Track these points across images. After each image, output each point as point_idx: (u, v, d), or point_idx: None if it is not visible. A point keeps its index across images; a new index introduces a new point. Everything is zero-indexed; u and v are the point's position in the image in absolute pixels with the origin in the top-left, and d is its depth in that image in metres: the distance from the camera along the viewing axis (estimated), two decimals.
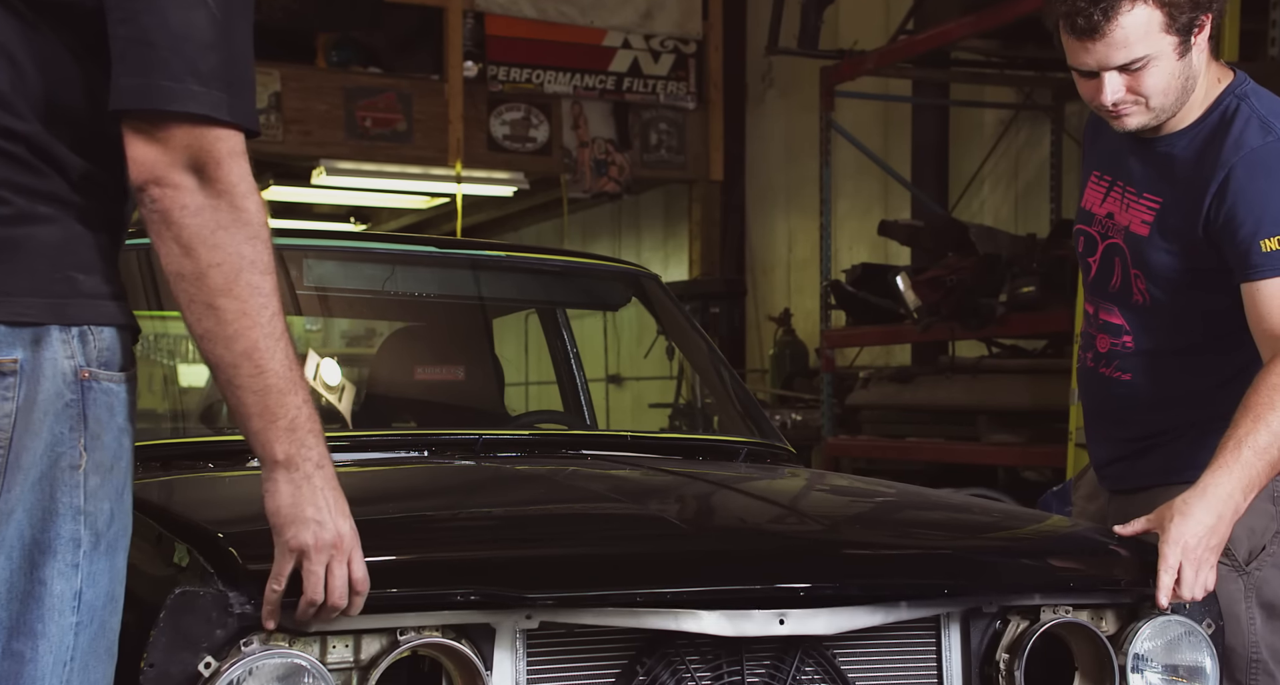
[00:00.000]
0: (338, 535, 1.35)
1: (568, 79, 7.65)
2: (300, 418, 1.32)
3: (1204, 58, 1.90)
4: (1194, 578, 1.77)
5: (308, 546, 1.34)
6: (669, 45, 7.86)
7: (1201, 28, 1.86)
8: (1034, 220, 6.18)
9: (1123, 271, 2.05)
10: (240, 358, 1.29)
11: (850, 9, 7.13)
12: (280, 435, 1.32)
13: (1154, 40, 1.83)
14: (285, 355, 1.31)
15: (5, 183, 1.27)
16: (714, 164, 8.15)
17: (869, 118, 7.07)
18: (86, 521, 1.29)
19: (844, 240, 7.14)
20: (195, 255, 1.27)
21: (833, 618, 1.59)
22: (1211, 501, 1.78)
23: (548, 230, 9.76)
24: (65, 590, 1.28)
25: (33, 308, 1.27)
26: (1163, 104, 1.90)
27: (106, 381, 1.30)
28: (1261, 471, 1.80)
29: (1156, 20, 1.82)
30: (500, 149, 7.60)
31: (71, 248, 1.30)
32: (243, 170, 1.29)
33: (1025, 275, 4.72)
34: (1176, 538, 1.76)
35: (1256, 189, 1.86)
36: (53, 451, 1.27)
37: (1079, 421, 4.08)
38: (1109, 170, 2.08)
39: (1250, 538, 1.98)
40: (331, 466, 1.36)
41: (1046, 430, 4.66)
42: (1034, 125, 6.31)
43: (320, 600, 1.37)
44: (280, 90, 7.06)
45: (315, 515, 1.34)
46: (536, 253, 3.04)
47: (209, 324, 1.29)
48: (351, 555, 1.37)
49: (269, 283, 1.30)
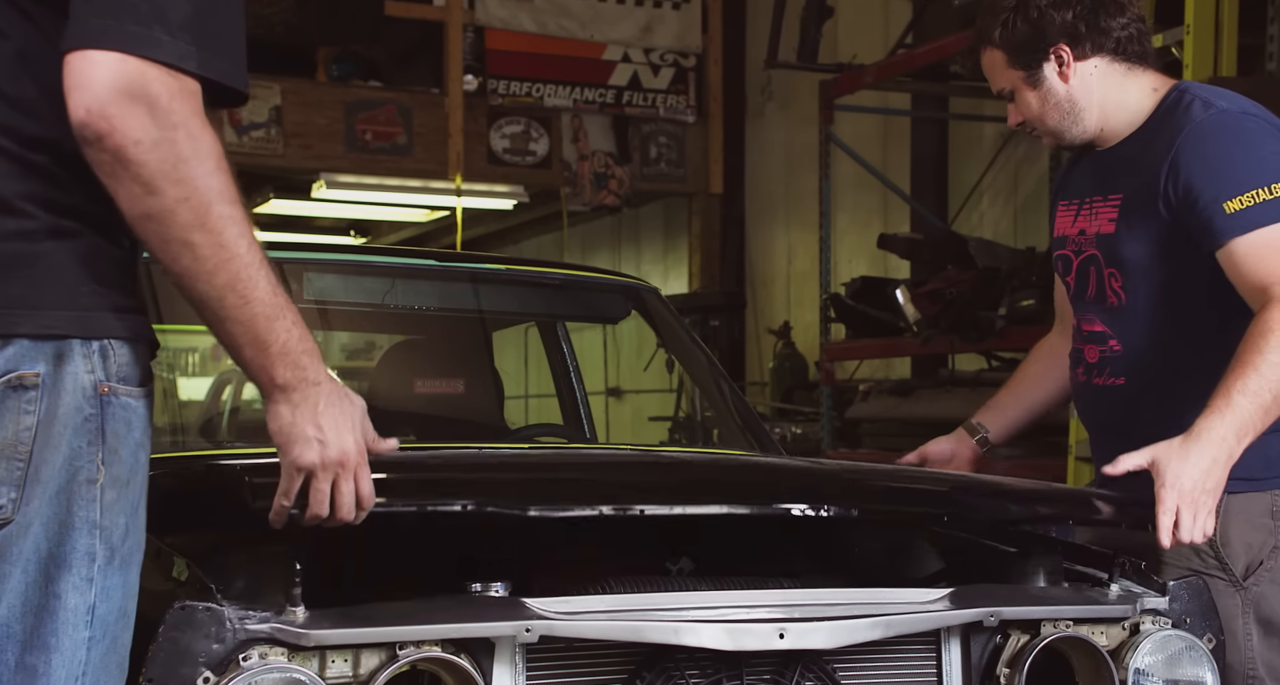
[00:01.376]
0: (343, 452, 1.35)
1: (568, 92, 7.67)
2: (291, 341, 1.31)
3: (1092, 81, 2.06)
4: (1192, 522, 1.78)
5: (314, 466, 1.34)
6: (669, 59, 7.88)
7: (1058, 56, 2.05)
8: (1033, 234, 6.19)
9: (1097, 277, 2.09)
10: (224, 291, 1.27)
11: (849, 23, 7.15)
12: (274, 361, 1.31)
13: (1005, 75, 2.10)
14: (268, 281, 1.30)
15: (30, 196, 1.28)
16: (714, 177, 8.16)
17: (868, 131, 7.08)
18: (102, 536, 1.29)
19: (843, 253, 7.15)
20: (160, 192, 1.23)
21: (833, 632, 1.59)
22: (1205, 445, 1.80)
23: (548, 243, 9.77)
24: (79, 604, 1.28)
25: (60, 321, 1.27)
26: (1049, 125, 2.11)
27: (125, 396, 1.31)
28: (1254, 415, 1.81)
29: (999, 59, 2.10)
30: (500, 162, 7.61)
31: (95, 262, 1.30)
32: (195, 107, 1.25)
33: (1024, 288, 4.72)
34: (1173, 481, 1.78)
35: (1206, 158, 1.93)
36: (71, 465, 1.27)
37: (1079, 435, 4.09)
38: (1074, 195, 2.19)
39: (1248, 553, 1.98)
40: (330, 382, 1.35)
41: (1046, 444, 4.65)
42: (1032, 139, 6.28)
43: (325, 515, 1.36)
44: (281, 104, 7.08)
45: (317, 434, 1.33)
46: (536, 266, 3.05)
47: (186, 262, 1.26)
48: (358, 471, 1.36)
49: (240, 212, 1.28)
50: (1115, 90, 2.07)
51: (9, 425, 1.25)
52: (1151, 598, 1.80)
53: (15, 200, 1.27)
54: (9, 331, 1.25)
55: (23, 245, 1.27)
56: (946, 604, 1.69)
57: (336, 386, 1.36)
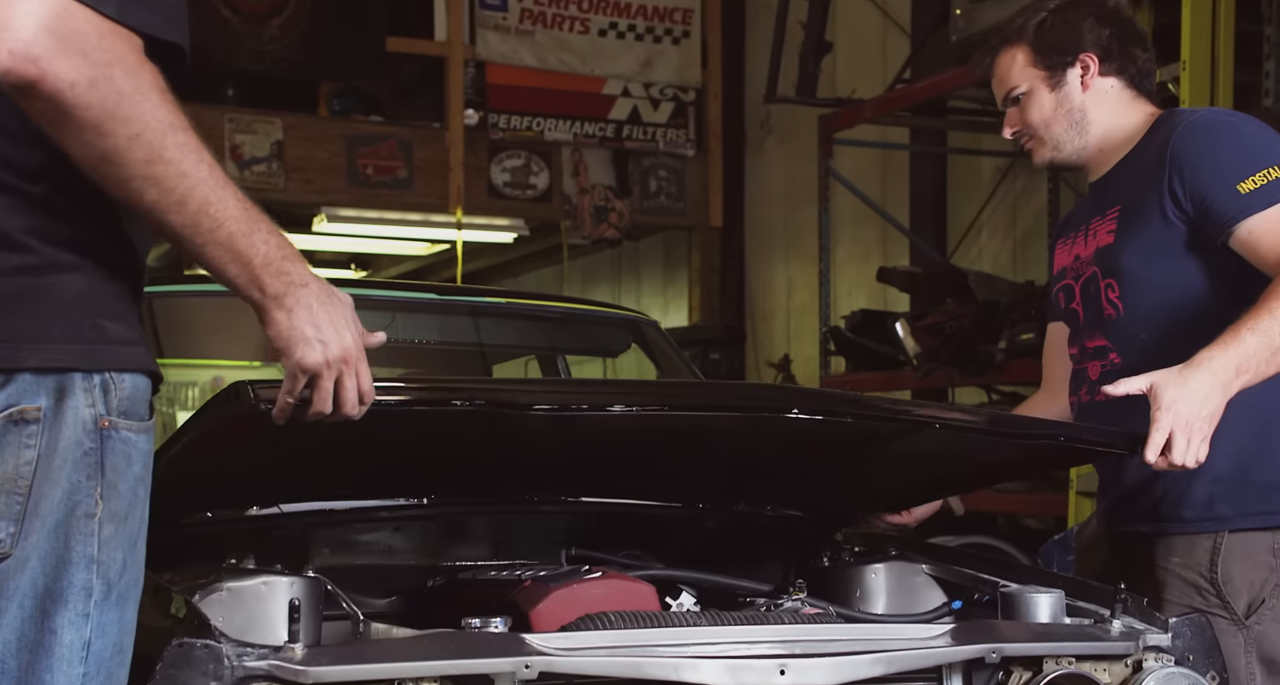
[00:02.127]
0: (344, 349, 1.35)
1: (568, 126, 7.70)
2: (271, 250, 1.31)
3: (1105, 98, 2.12)
4: (1185, 446, 1.79)
5: (319, 365, 1.35)
6: (668, 93, 7.92)
7: (1084, 65, 2.11)
8: (1032, 267, 6.20)
9: (1096, 292, 2.11)
10: (197, 218, 1.27)
11: (848, 58, 7.19)
12: (260, 273, 1.31)
13: (1022, 74, 2.14)
14: (235, 198, 1.29)
15: (32, 230, 1.28)
16: (713, 210, 8.18)
17: (867, 165, 7.11)
18: (99, 571, 1.28)
19: (843, 286, 7.16)
20: (110, 133, 1.21)
21: (834, 668, 1.58)
22: (1204, 373, 1.81)
23: (548, 276, 9.78)
24: (75, 640, 1.27)
25: (63, 354, 1.27)
26: (1050, 136, 2.14)
27: (125, 431, 1.30)
28: (1259, 354, 1.82)
29: (1022, 57, 2.15)
30: (501, 196, 7.63)
31: (97, 295, 1.30)
32: (129, 45, 1.22)
33: (1024, 322, 4.72)
34: (1169, 405, 1.79)
35: (1206, 148, 1.98)
36: (70, 499, 1.27)
37: (1080, 470, 4.08)
38: (1072, 228, 2.23)
39: (1250, 591, 1.97)
40: (317, 280, 1.35)
41: (1047, 478, 4.64)
42: (1031, 174, 6.34)
43: (329, 412, 1.38)
44: (282, 138, 7.11)
45: (317, 335, 1.34)
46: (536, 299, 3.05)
47: (153, 196, 1.25)
48: (358, 366, 1.37)
49: (194, 138, 1.26)
50: (1121, 114, 2.14)
51: (9, 459, 1.24)
52: (1154, 634, 1.79)
53: (17, 235, 1.27)
54: (13, 365, 1.25)
55: (25, 280, 1.27)
56: (948, 640, 1.68)
57: (323, 284, 1.37)
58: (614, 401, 1.64)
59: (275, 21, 6.83)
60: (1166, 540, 2.05)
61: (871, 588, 2.13)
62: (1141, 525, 2.09)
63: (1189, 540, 2.02)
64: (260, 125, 7.00)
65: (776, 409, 1.73)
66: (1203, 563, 2.00)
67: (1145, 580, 2.05)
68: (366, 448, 1.75)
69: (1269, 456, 2.00)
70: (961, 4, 4.99)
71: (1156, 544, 2.06)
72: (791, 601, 1.97)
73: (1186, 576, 2.02)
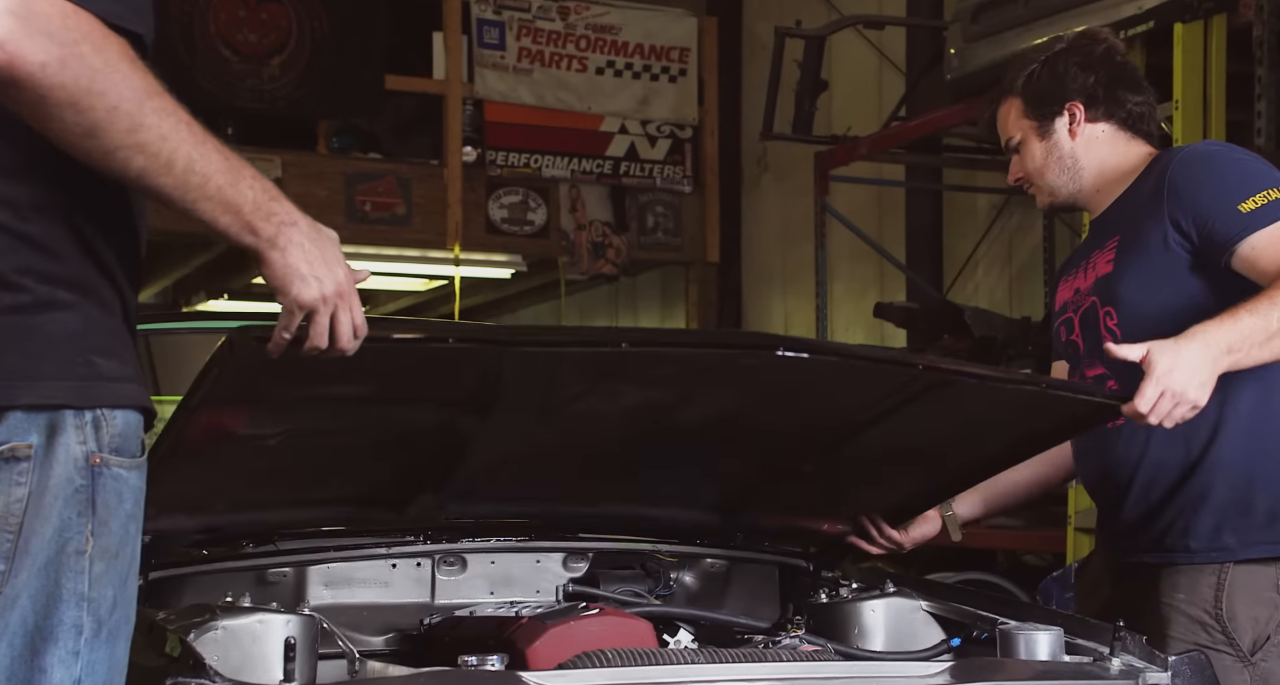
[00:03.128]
0: (338, 284, 1.37)
1: (565, 163, 7.74)
2: (258, 194, 1.33)
3: (1096, 143, 2.19)
4: (1169, 409, 1.84)
5: (316, 302, 1.37)
6: (665, 130, 7.97)
7: (1071, 114, 2.18)
8: (1028, 303, 6.22)
9: (1095, 321, 2.15)
10: (185, 176, 1.28)
11: (844, 96, 7.25)
12: (251, 219, 1.33)
13: (1016, 124, 2.23)
14: (217, 151, 1.31)
15: (25, 270, 1.28)
16: (710, 246, 8.21)
17: (863, 201, 7.15)
18: (89, 608, 1.28)
19: (840, 322, 7.17)
20: (89, 108, 1.22)
21: None
22: (1199, 346, 1.85)
23: (545, 312, 9.80)
24: (64, 678, 1.26)
25: (56, 391, 1.27)
26: (1045, 183, 2.21)
27: (117, 467, 1.30)
28: (1253, 335, 1.86)
29: (1016, 108, 2.23)
30: (498, 232, 7.66)
31: (90, 332, 1.31)
32: (93, 24, 1.23)
33: (1020, 358, 4.73)
34: (1164, 371, 1.83)
35: (1205, 174, 2.04)
36: (60, 537, 1.26)
37: (1078, 505, 4.08)
38: (1074, 265, 2.28)
39: (1254, 628, 1.97)
40: (304, 218, 1.37)
41: (1046, 513, 4.63)
42: (1026, 210, 6.38)
43: (325, 347, 1.40)
44: (281, 176, 7.14)
45: (311, 271, 1.36)
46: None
47: (140, 162, 1.26)
48: (351, 301, 1.39)
49: (169, 100, 1.28)
50: (1116, 156, 2.19)
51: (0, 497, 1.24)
52: (1154, 673, 1.78)
53: (10, 274, 1.27)
54: (6, 403, 1.25)
55: (18, 318, 1.27)
56: (947, 678, 1.67)
57: (310, 221, 1.39)
58: (601, 339, 1.68)
59: (275, 60, 6.88)
60: (1172, 575, 2.04)
61: (870, 624, 2.12)
62: (1147, 556, 2.08)
63: (1194, 575, 2.02)
64: (259, 163, 7.02)
65: (765, 346, 1.74)
66: (1207, 599, 2.00)
67: (1150, 616, 2.04)
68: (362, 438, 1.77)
69: (1272, 485, 2.01)
70: (956, 43, 5.03)
71: (1161, 578, 2.05)
72: (789, 638, 1.96)
73: (1192, 613, 2.01)
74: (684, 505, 2.27)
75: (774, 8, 7.76)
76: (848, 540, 2.33)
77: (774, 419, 1.99)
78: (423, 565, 2.22)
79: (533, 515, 2.24)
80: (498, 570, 2.26)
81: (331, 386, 1.66)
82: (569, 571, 2.30)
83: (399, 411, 1.82)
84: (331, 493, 2.02)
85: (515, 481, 2.10)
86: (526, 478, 2.11)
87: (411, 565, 2.21)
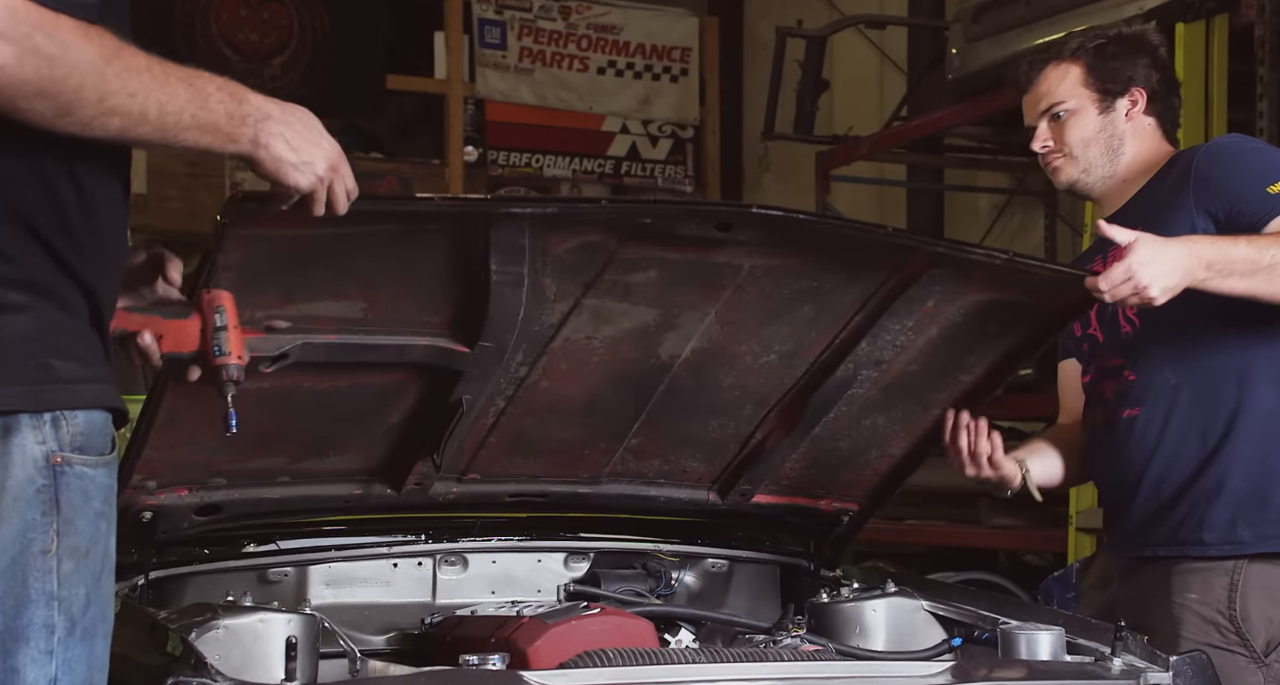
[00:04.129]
0: (328, 161, 1.42)
1: (567, 163, 7.74)
2: (228, 105, 1.36)
3: (1142, 132, 2.20)
4: (1128, 293, 1.87)
5: (313, 186, 1.42)
6: (667, 130, 7.97)
7: (1133, 99, 2.18)
8: None
9: (1114, 312, 2.15)
10: (161, 119, 1.32)
11: (845, 96, 7.24)
12: (231, 131, 1.37)
13: (1073, 91, 2.17)
14: (180, 80, 1.34)
15: None
16: None
17: (865, 201, 7.14)
18: (60, 607, 1.27)
19: None
20: (56, 93, 1.25)
21: None
22: (1183, 253, 1.89)
23: None
24: (39, 678, 1.26)
25: (8, 398, 1.26)
26: (1084, 156, 2.18)
27: (81, 466, 1.29)
28: (1242, 262, 1.89)
29: (1075, 74, 2.18)
30: None
31: (47, 335, 1.30)
32: (41, 14, 1.25)
33: None
34: (1141, 261, 1.86)
35: (1231, 162, 2.08)
36: (24, 537, 1.26)
37: (1079, 505, 4.07)
38: (1087, 261, 2.23)
39: (1268, 628, 1.97)
40: (274, 104, 1.41)
41: (1048, 514, 4.62)
42: (1027, 210, 6.37)
43: (321, 214, 1.45)
44: None
45: (299, 158, 1.40)
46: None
47: (117, 123, 1.30)
48: (343, 170, 1.45)
49: (127, 55, 1.30)
50: (1148, 151, 2.22)
51: None
52: (1155, 673, 1.78)
53: None
54: None
55: None
56: (948, 677, 1.67)
57: (281, 105, 1.42)
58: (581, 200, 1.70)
59: (276, 60, 6.88)
60: (1184, 573, 2.04)
61: (871, 624, 2.12)
62: (1160, 549, 2.08)
63: (1206, 575, 2.01)
64: None
65: (740, 208, 1.80)
66: (1221, 599, 2.00)
67: (1161, 615, 2.04)
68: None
69: None
70: (957, 43, 5.03)
71: (1173, 577, 2.05)
72: (790, 638, 1.96)
73: (1204, 614, 2.01)
74: (684, 467, 2.25)
75: (775, 7, 7.75)
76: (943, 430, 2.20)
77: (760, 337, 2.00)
78: (424, 565, 2.22)
79: (528, 493, 2.22)
80: (499, 570, 2.26)
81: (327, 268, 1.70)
82: (570, 571, 2.30)
83: (389, 348, 1.83)
84: (329, 465, 2.02)
85: (510, 446, 2.10)
86: (521, 443, 2.10)
87: (413, 565, 2.21)
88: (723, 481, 2.28)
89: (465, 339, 1.85)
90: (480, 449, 2.06)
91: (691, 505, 2.31)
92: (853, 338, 2.02)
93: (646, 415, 2.09)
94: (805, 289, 1.94)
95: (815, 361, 2.07)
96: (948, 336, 2.07)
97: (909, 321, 2.00)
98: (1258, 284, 1.90)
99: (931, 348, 2.08)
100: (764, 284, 1.91)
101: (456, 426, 1.96)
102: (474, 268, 1.75)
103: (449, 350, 1.85)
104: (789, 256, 1.88)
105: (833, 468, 2.29)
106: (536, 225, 1.70)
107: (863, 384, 2.11)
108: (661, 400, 2.07)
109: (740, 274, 1.88)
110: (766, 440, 2.18)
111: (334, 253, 1.66)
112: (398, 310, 1.80)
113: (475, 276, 1.76)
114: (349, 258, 1.68)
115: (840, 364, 2.05)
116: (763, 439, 2.18)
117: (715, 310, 1.93)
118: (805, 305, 1.97)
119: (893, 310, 1.97)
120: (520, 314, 1.82)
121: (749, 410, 2.15)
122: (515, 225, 1.69)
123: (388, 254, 1.72)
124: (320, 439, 1.97)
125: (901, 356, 2.08)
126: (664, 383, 2.03)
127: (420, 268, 1.75)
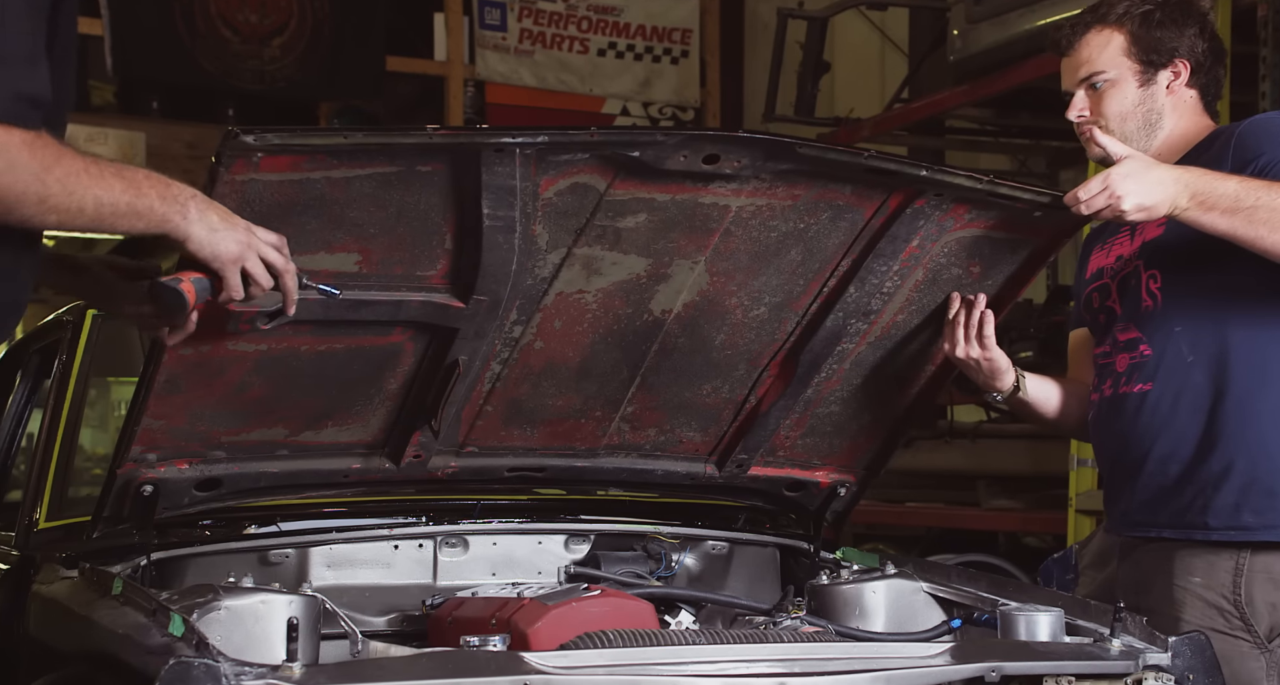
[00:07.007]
0: (245, 229, 1.58)
1: None
2: (157, 191, 1.52)
3: (1182, 106, 2.12)
4: (1104, 200, 1.85)
5: (242, 248, 1.58)
6: (667, 112, 7.95)
7: (1176, 71, 2.10)
8: (1031, 286, 6.20)
9: (1137, 285, 2.11)
10: (95, 212, 1.47)
11: (846, 78, 7.22)
12: (163, 214, 1.52)
13: (1114, 60, 2.09)
14: (115, 175, 1.49)
15: None
16: None
17: None
18: None
19: None
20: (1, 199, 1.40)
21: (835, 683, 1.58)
22: (1169, 180, 1.87)
23: None
24: None
25: None
26: (1121, 130, 2.09)
27: None
28: (1224, 202, 1.86)
29: (1118, 42, 2.09)
30: None
31: None
32: None
33: (1022, 340, 4.72)
34: (1122, 176, 1.85)
35: (1270, 136, 2.01)
36: None
37: (1079, 488, 4.08)
38: (1110, 233, 2.21)
39: (1271, 614, 1.97)
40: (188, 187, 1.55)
41: (1047, 496, 4.63)
42: None
43: (270, 285, 1.61)
44: None
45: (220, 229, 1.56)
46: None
47: (54, 219, 1.45)
48: (259, 247, 1.59)
49: (61, 154, 1.44)
50: (1188, 125, 2.13)
51: None
52: (1154, 653, 1.79)
53: None
54: None
55: None
56: (947, 659, 1.68)
57: (192, 189, 1.57)
58: (573, 128, 1.76)
59: (276, 42, 6.86)
60: (1187, 556, 2.03)
61: (870, 606, 2.13)
62: (1165, 532, 2.06)
63: (1211, 558, 2.00)
64: None
65: (728, 133, 1.82)
66: (1225, 584, 1.99)
67: (1162, 596, 2.03)
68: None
69: None
70: (959, 25, 5.01)
71: (1176, 559, 2.04)
72: (790, 620, 1.97)
73: (1208, 598, 2.00)
74: (680, 437, 2.25)
75: None
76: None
77: (749, 288, 2.00)
78: (425, 546, 2.22)
79: (525, 466, 2.21)
80: (499, 552, 2.26)
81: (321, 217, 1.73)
82: (571, 553, 2.31)
83: (385, 304, 1.85)
84: (328, 437, 2.02)
85: (507, 415, 2.10)
86: (518, 413, 2.11)
87: (414, 546, 2.21)
88: (720, 452, 2.28)
89: (460, 292, 1.86)
90: (477, 418, 2.07)
91: (689, 478, 2.30)
92: (840, 284, 2.03)
93: (641, 379, 2.09)
94: (792, 231, 1.95)
95: (805, 313, 2.08)
96: (933, 279, 2.08)
97: (894, 264, 2.01)
98: (1237, 224, 1.86)
99: (918, 295, 2.08)
100: (751, 226, 1.93)
101: (454, 390, 1.96)
102: (466, 212, 1.76)
103: (444, 306, 1.86)
104: (775, 193, 1.88)
105: (827, 436, 2.30)
106: (527, 157, 1.71)
107: (853, 337, 2.12)
108: (655, 362, 2.07)
109: (728, 216, 1.89)
110: (761, 404, 2.18)
111: (328, 200, 1.69)
112: (392, 263, 1.81)
113: (467, 223, 1.77)
114: (343, 207, 1.70)
115: (829, 314, 2.06)
116: (757, 403, 2.19)
117: (705, 257, 1.94)
118: (793, 249, 1.98)
119: (878, 251, 1.98)
120: (513, 265, 1.83)
121: (742, 370, 2.15)
122: (507, 159, 1.71)
123: (381, 200, 1.73)
124: (319, 408, 1.97)
125: (890, 305, 2.08)
126: (657, 341, 2.04)
127: (413, 214, 1.77)
